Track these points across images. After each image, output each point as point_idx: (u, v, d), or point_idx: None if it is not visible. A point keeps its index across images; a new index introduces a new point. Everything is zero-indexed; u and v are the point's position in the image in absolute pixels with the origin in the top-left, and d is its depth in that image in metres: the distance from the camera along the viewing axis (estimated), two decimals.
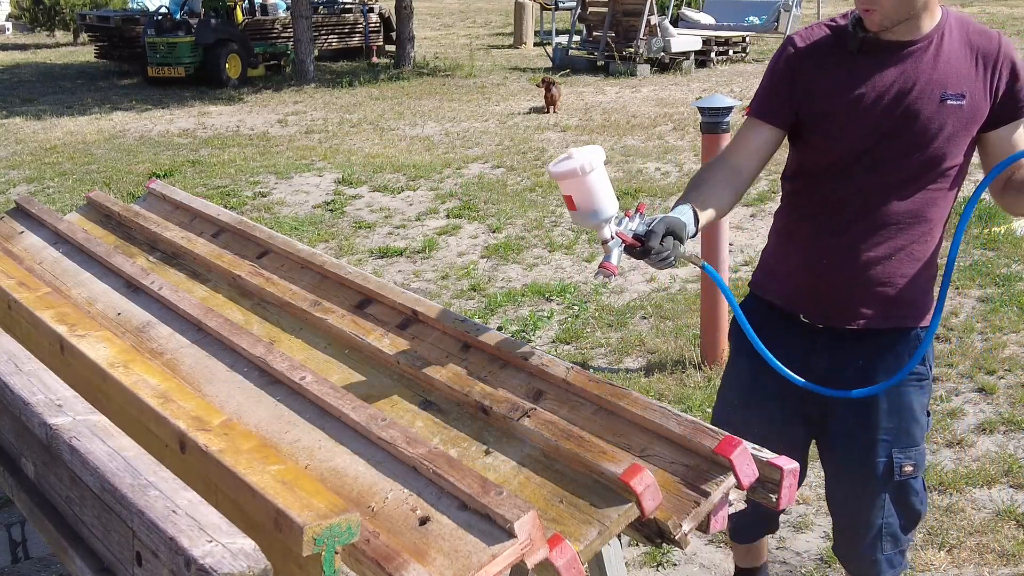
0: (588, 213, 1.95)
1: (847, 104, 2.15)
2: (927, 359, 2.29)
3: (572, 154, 1.92)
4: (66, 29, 22.89)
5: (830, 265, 2.24)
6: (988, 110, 2.14)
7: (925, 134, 2.12)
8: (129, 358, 2.13)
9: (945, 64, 2.12)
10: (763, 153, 2.27)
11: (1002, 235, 6.18)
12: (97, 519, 1.58)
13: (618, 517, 1.69)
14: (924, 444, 2.32)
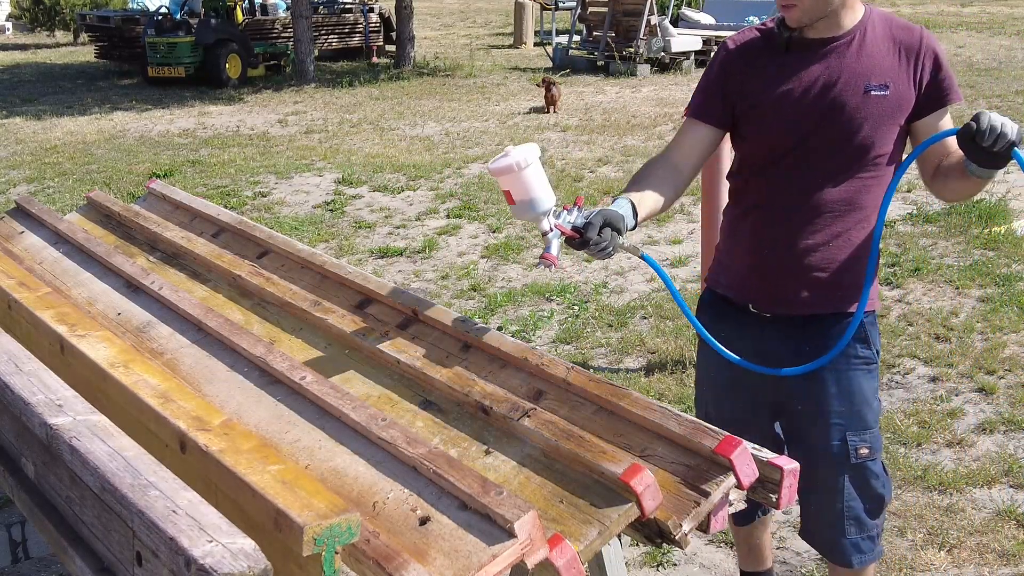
0: (525, 206, 2.09)
1: (775, 99, 2.25)
2: (872, 344, 2.35)
3: (509, 151, 2.05)
4: (66, 29, 22.89)
5: (771, 255, 2.33)
6: (914, 100, 2.22)
7: (851, 124, 2.20)
8: (129, 358, 2.13)
9: (868, 57, 2.21)
10: (700, 151, 2.38)
11: (1002, 235, 6.18)
12: (97, 519, 1.58)
13: (618, 517, 1.69)
14: (878, 429, 2.38)
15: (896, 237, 6.35)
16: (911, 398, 4.19)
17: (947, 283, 5.46)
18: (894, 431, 3.89)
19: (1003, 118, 1.99)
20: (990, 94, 11.84)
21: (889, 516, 3.34)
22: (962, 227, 6.39)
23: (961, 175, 2.16)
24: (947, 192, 2.29)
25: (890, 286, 5.49)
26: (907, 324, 4.94)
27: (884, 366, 4.48)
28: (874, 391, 2.37)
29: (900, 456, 3.71)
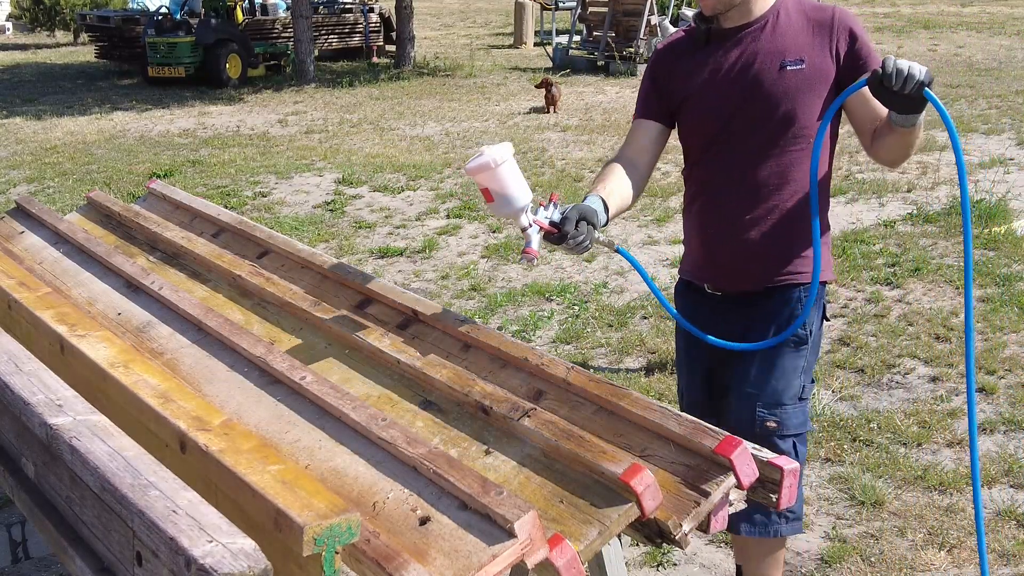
0: (503, 203, 2.17)
1: (698, 89, 2.41)
2: (806, 324, 2.41)
3: (483, 151, 2.14)
4: (66, 29, 22.89)
5: (715, 236, 2.47)
6: (834, 71, 2.32)
7: (771, 100, 2.32)
8: (129, 358, 2.13)
9: (782, 37, 2.34)
10: (651, 147, 2.52)
11: (1002, 235, 6.18)
12: (97, 519, 1.58)
13: (618, 517, 1.69)
14: (799, 406, 2.43)
15: (896, 237, 6.35)
16: (911, 398, 4.19)
17: (947, 283, 5.46)
18: (894, 431, 3.90)
19: (911, 62, 2.03)
20: (990, 94, 11.84)
21: (889, 516, 3.35)
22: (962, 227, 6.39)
23: (890, 130, 2.21)
24: (883, 151, 2.32)
25: (890, 286, 5.49)
26: (907, 324, 4.94)
27: (884, 366, 4.48)
28: (798, 369, 2.42)
29: (900, 456, 3.71)
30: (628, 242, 6.56)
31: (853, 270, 5.74)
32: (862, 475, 3.59)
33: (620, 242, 6.55)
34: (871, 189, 7.61)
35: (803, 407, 2.46)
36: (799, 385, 2.43)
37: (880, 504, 3.41)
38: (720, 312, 2.50)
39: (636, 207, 7.36)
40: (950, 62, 15.12)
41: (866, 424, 3.95)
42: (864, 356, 4.59)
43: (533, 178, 8.32)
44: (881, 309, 5.15)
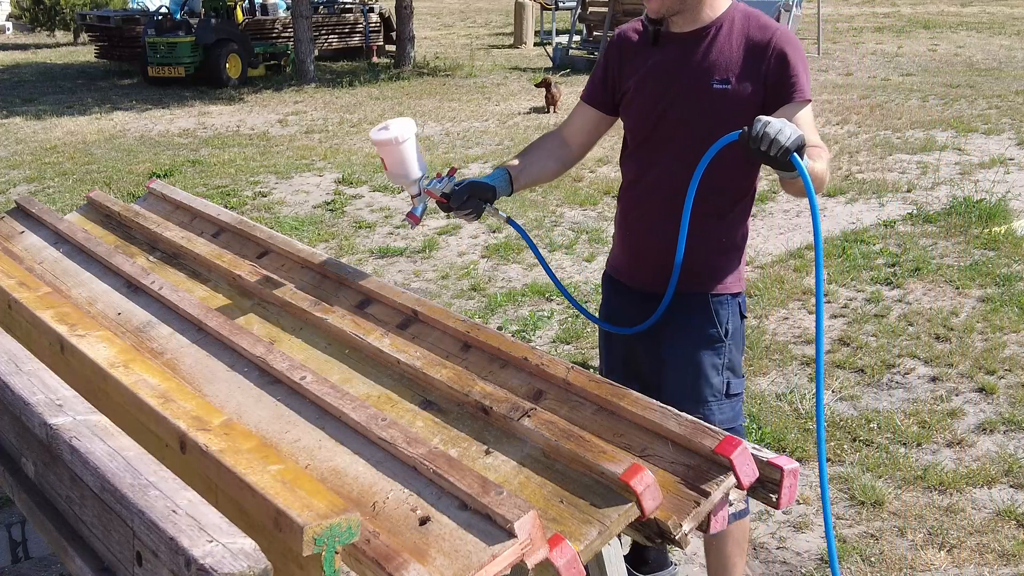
0: (399, 174, 2.41)
1: (636, 85, 2.46)
2: (721, 324, 2.49)
3: (388, 125, 2.36)
4: (66, 29, 22.89)
5: (632, 234, 2.57)
6: (761, 95, 2.34)
7: (695, 114, 2.37)
8: (129, 358, 2.13)
9: (718, 53, 2.36)
10: (587, 130, 2.63)
11: (1002, 235, 6.18)
12: (97, 519, 1.58)
13: (618, 517, 1.69)
14: (726, 403, 2.51)
15: (896, 237, 6.35)
16: (911, 398, 4.19)
17: (947, 283, 5.46)
18: (894, 431, 3.90)
19: (783, 123, 2.06)
20: (990, 94, 11.84)
21: (889, 516, 3.35)
22: (962, 227, 6.39)
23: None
24: (785, 187, 2.37)
25: (890, 286, 5.49)
26: (907, 324, 4.94)
27: (884, 366, 4.48)
28: (716, 367, 2.49)
29: (900, 456, 3.71)
30: None
31: (853, 270, 5.74)
32: (862, 475, 3.59)
33: None
34: (871, 189, 7.61)
35: (731, 403, 2.52)
36: (721, 382, 2.50)
37: (880, 504, 3.41)
38: (634, 305, 2.57)
39: None
40: (950, 62, 15.12)
41: (866, 424, 3.95)
42: (864, 356, 4.59)
43: None
44: (881, 309, 5.15)
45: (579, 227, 6.89)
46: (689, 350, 2.49)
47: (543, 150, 2.62)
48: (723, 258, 2.50)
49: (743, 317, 2.56)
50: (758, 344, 4.73)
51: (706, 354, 2.48)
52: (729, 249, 2.50)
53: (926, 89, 12.43)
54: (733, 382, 2.53)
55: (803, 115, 2.33)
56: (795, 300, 5.34)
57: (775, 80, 2.33)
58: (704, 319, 2.48)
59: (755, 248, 6.32)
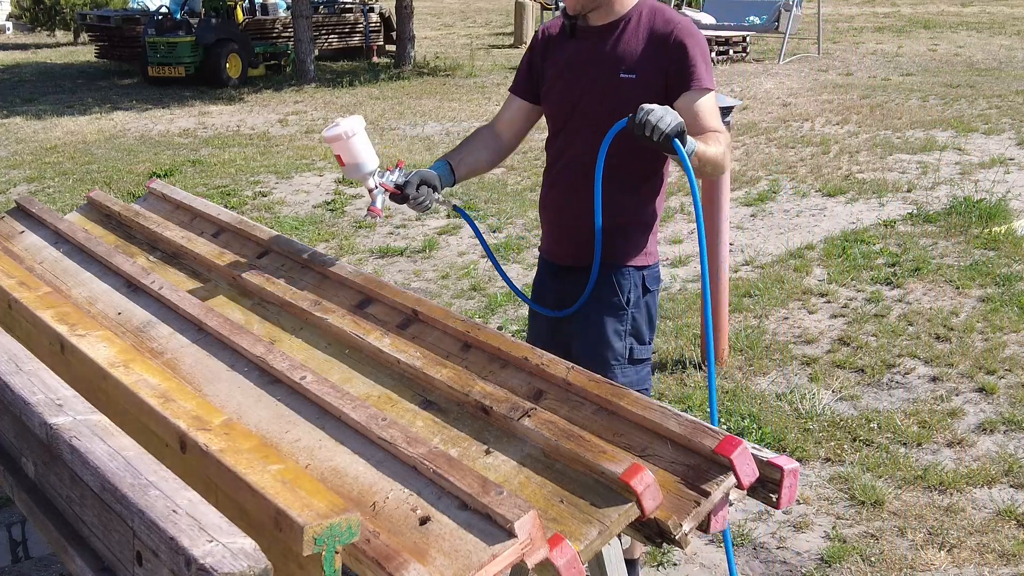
0: (353, 167, 2.55)
1: (554, 78, 2.65)
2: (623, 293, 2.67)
3: (339, 122, 2.52)
4: (66, 29, 22.89)
5: (553, 214, 2.76)
6: (663, 84, 2.52)
7: (605, 102, 2.52)
8: (129, 358, 2.13)
9: (625, 45, 2.54)
10: (517, 120, 2.80)
11: (1002, 235, 6.18)
12: (97, 519, 1.58)
13: (618, 517, 1.69)
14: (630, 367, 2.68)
15: (896, 237, 6.35)
16: (911, 398, 4.19)
17: (947, 283, 5.46)
18: (894, 431, 3.90)
19: (665, 111, 2.26)
20: (990, 94, 11.84)
21: (889, 516, 3.35)
22: (962, 227, 6.39)
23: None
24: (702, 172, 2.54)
25: (890, 286, 5.49)
26: (907, 324, 4.94)
27: (884, 366, 4.48)
28: (619, 333, 2.67)
29: (900, 456, 3.71)
30: None
31: (853, 270, 5.74)
32: (862, 475, 3.59)
33: None
34: (871, 189, 7.61)
35: (636, 368, 2.70)
36: (624, 347, 2.68)
37: (880, 504, 3.41)
38: (559, 279, 2.76)
39: None
40: (950, 62, 15.12)
41: (866, 424, 3.95)
42: (864, 356, 4.59)
43: (533, 178, 8.33)
44: (881, 309, 5.15)
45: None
46: (593, 317, 2.66)
47: (478, 142, 2.81)
48: (630, 234, 2.67)
49: (648, 290, 2.73)
50: (758, 344, 4.73)
51: (609, 321, 2.66)
52: (636, 226, 2.68)
53: (926, 89, 12.43)
54: (636, 348, 2.70)
55: (703, 102, 2.50)
56: (795, 300, 5.34)
57: (675, 70, 2.50)
58: (608, 289, 2.65)
59: (755, 248, 6.32)
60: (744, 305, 5.25)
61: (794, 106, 11.52)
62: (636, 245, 2.69)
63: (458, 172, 2.71)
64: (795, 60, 15.77)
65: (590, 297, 2.63)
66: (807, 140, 9.57)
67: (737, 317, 5.08)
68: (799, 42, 17.80)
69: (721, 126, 2.53)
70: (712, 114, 2.51)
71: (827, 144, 9.33)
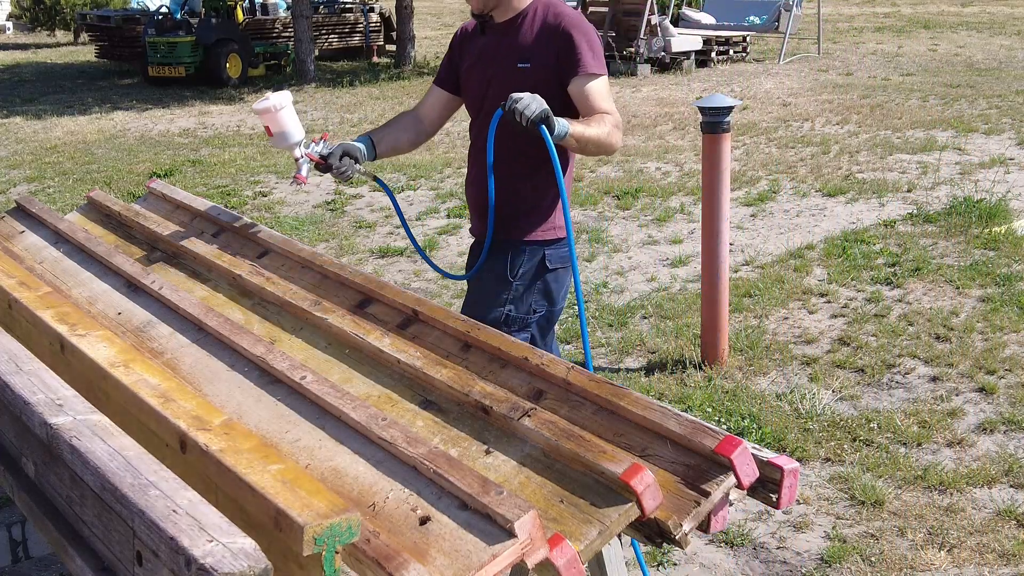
0: (280, 137, 2.82)
1: (468, 70, 2.98)
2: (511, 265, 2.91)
3: (269, 96, 2.80)
4: (67, 29, 22.89)
5: (472, 192, 3.04)
6: (555, 71, 2.79)
7: (507, 89, 2.70)
8: (129, 357, 2.13)
9: (523, 39, 2.84)
10: (438, 109, 3.13)
11: (1002, 235, 6.18)
12: (97, 518, 1.58)
13: (618, 517, 1.69)
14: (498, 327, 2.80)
15: (896, 237, 6.35)
16: (911, 398, 4.19)
17: (947, 283, 5.46)
18: (894, 431, 3.90)
19: (532, 99, 2.55)
20: (990, 94, 11.84)
21: (889, 516, 3.35)
22: (962, 227, 6.39)
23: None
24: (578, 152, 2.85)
25: (890, 286, 5.49)
26: (907, 324, 4.94)
27: (884, 366, 4.48)
28: (500, 300, 2.94)
29: (900, 456, 3.71)
30: (628, 241, 6.56)
31: (853, 270, 5.74)
32: (862, 475, 3.59)
33: (621, 241, 6.55)
34: (871, 189, 7.61)
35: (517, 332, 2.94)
36: (501, 313, 2.94)
37: (880, 504, 3.41)
38: (475, 253, 3.04)
39: (636, 206, 7.37)
40: (950, 62, 15.12)
41: (866, 424, 3.95)
42: (864, 356, 4.59)
43: None
44: (881, 309, 5.15)
45: (579, 227, 6.89)
46: (484, 283, 2.96)
47: (401, 124, 3.12)
48: (529, 213, 2.91)
49: (548, 268, 2.94)
50: (758, 344, 4.73)
51: (494, 288, 2.94)
52: (535, 206, 2.91)
53: (926, 89, 12.43)
54: (512, 316, 2.96)
55: (591, 86, 2.78)
56: (795, 300, 5.34)
57: (564, 58, 2.78)
58: (500, 260, 2.92)
59: (755, 248, 6.32)
60: (744, 305, 5.25)
61: (794, 106, 11.52)
62: (534, 223, 2.92)
63: (379, 148, 3.01)
64: (795, 60, 15.78)
65: (484, 267, 2.93)
66: (807, 140, 9.57)
67: (737, 317, 5.08)
68: (799, 42, 17.81)
69: (610, 108, 2.80)
70: (600, 96, 2.79)
71: (827, 144, 9.33)
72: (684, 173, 8.42)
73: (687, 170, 8.49)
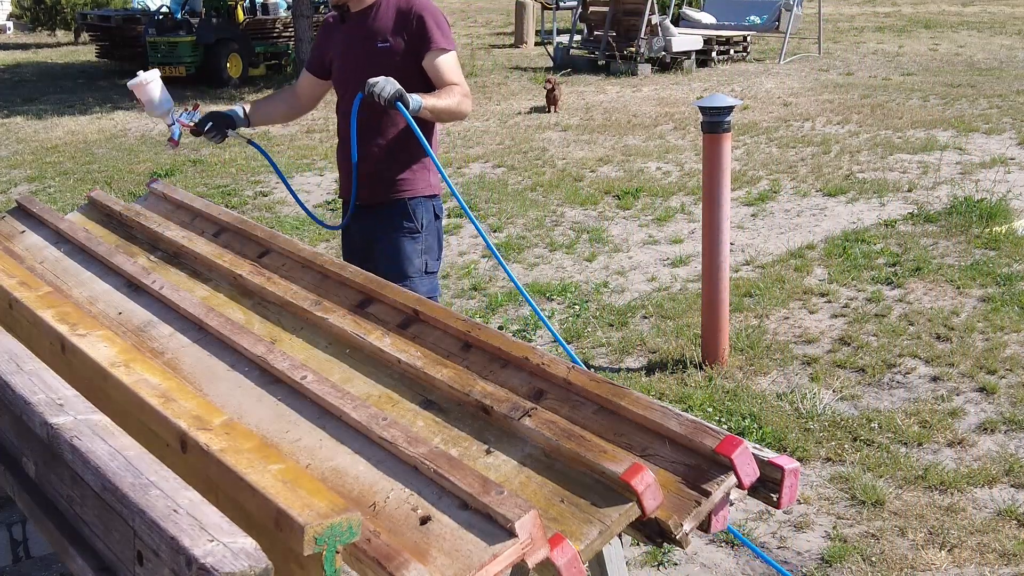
0: (152, 107, 3.34)
1: (334, 53, 3.40)
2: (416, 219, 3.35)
3: (139, 74, 3.30)
4: (67, 28, 22.89)
5: (343, 163, 3.39)
6: (409, 49, 3.22)
7: (368, 69, 3.14)
8: (130, 357, 2.13)
9: (380, 23, 3.26)
10: (309, 91, 3.60)
11: (1003, 235, 6.18)
12: (98, 518, 1.58)
13: (619, 516, 1.69)
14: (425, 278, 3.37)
15: (897, 237, 6.35)
16: (912, 398, 4.19)
17: (948, 283, 5.46)
18: (895, 431, 3.90)
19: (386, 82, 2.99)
20: (991, 93, 11.84)
21: (890, 516, 3.35)
22: (963, 227, 6.39)
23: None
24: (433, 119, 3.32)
25: (891, 285, 5.49)
26: (908, 323, 4.94)
27: (885, 365, 4.48)
28: (417, 251, 3.35)
29: (901, 456, 3.71)
30: (629, 241, 6.56)
31: (854, 269, 5.74)
32: (863, 475, 3.59)
33: (622, 241, 6.55)
34: (872, 189, 7.61)
35: (430, 279, 3.40)
36: (420, 263, 3.36)
37: (881, 504, 3.41)
38: (357, 217, 3.38)
39: (637, 206, 7.38)
40: (951, 61, 15.12)
41: (867, 424, 3.95)
42: (865, 356, 4.59)
43: (534, 177, 8.34)
44: (882, 309, 5.15)
45: (579, 226, 6.89)
46: (395, 240, 3.33)
47: (277, 98, 3.72)
48: (411, 173, 3.33)
49: (437, 216, 3.42)
50: (759, 344, 4.73)
51: (407, 242, 3.33)
52: (414, 166, 3.33)
53: (927, 89, 12.43)
54: (430, 263, 3.39)
55: (441, 60, 3.25)
56: (795, 300, 5.34)
57: (417, 36, 3.21)
58: (404, 217, 3.33)
59: (755, 248, 6.32)
60: (745, 305, 5.25)
61: (795, 106, 11.52)
62: (421, 180, 3.36)
63: (252, 117, 3.49)
64: (796, 60, 15.77)
65: (391, 225, 3.32)
66: (808, 140, 9.57)
67: (738, 317, 5.08)
68: (800, 42, 17.80)
69: (459, 79, 3.29)
70: (449, 70, 3.27)
71: (828, 144, 9.33)
72: (685, 173, 8.41)
73: (688, 170, 8.49)
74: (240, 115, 3.44)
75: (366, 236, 3.39)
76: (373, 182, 3.30)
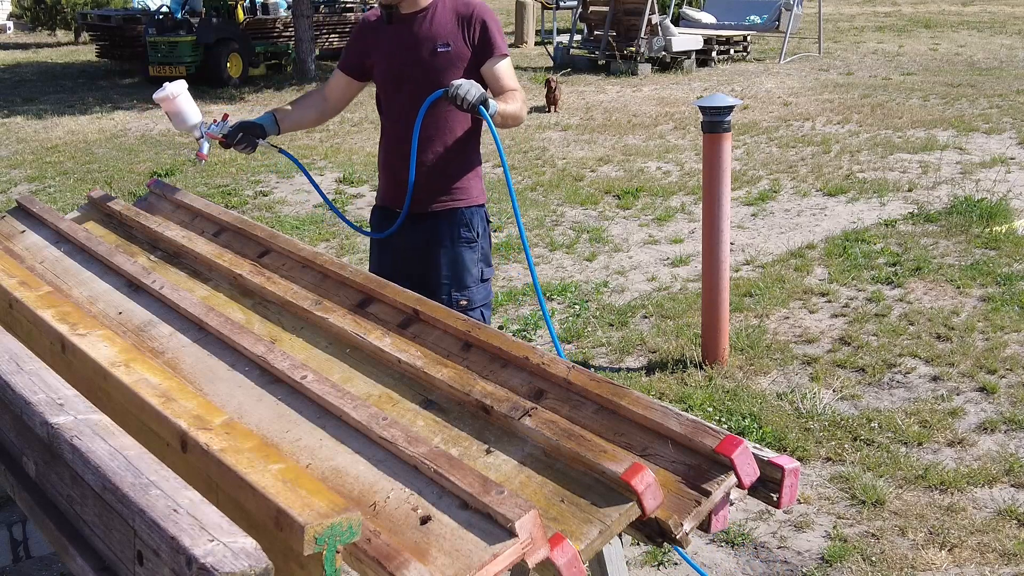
0: (181, 122, 3.18)
1: (380, 56, 3.23)
2: (473, 228, 3.25)
3: (166, 86, 3.15)
4: (67, 28, 22.89)
5: (393, 170, 3.25)
6: (471, 53, 3.14)
7: (426, 72, 3.10)
8: (130, 357, 2.13)
9: (437, 26, 3.14)
10: (342, 92, 3.40)
11: (1003, 234, 6.18)
12: (98, 518, 1.58)
13: (619, 516, 1.69)
14: (481, 286, 3.28)
15: (897, 236, 6.35)
16: (912, 397, 4.19)
17: (948, 282, 5.46)
18: (895, 430, 3.89)
19: (471, 85, 2.91)
20: (991, 93, 11.83)
21: (890, 515, 3.35)
22: (963, 226, 6.39)
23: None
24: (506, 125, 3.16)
25: (891, 285, 5.49)
26: (908, 323, 4.94)
27: (885, 365, 4.48)
28: (474, 261, 3.26)
29: (901, 455, 3.71)
30: (629, 240, 6.56)
31: (854, 269, 5.74)
32: (863, 474, 3.58)
33: (622, 241, 6.55)
34: (872, 189, 7.61)
35: (485, 286, 3.31)
36: (477, 272, 3.27)
37: (881, 503, 3.41)
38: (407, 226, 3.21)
39: (637, 206, 7.37)
40: (951, 61, 15.12)
41: (867, 423, 3.95)
42: (865, 355, 4.59)
43: (534, 177, 8.34)
44: (882, 308, 5.15)
45: (580, 226, 6.89)
46: (454, 250, 3.22)
47: (306, 102, 3.45)
48: (466, 181, 3.24)
49: (488, 222, 3.34)
50: (759, 343, 4.73)
51: (466, 251, 3.25)
52: (469, 174, 3.25)
53: (927, 88, 12.43)
54: (485, 270, 3.31)
55: (502, 66, 3.17)
56: (795, 300, 5.34)
57: (479, 42, 3.14)
58: (462, 226, 3.23)
59: (755, 248, 6.31)
60: (745, 305, 5.25)
61: (795, 105, 11.52)
62: (475, 188, 3.28)
63: (282, 124, 3.30)
64: (796, 60, 15.77)
65: (449, 235, 3.21)
66: (808, 140, 9.57)
67: (738, 316, 5.08)
68: (800, 41, 17.80)
69: (517, 84, 3.21)
70: (510, 75, 3.20)
71: (828, 143, 9.33)
72: (685, 172, 8.41)
73: (688, 169, 8.48)
74: (270, 123, 3.27)
75: (417, 245, 3.22)
76: (429, 190, 3.17)
